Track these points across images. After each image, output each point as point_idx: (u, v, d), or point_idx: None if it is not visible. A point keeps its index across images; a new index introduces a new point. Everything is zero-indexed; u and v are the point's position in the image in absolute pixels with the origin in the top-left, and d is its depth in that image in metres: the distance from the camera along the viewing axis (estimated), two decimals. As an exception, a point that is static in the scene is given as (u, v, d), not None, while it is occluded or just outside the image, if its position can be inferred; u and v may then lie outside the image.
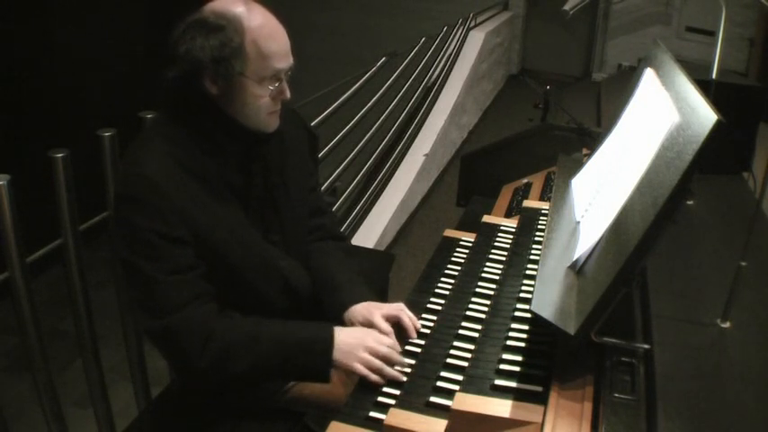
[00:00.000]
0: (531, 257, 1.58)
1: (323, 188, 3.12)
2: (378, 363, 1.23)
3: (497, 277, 1.55)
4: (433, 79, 4.95)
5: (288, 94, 1.27)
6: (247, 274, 1.30)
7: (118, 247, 1.21)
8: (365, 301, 1.40)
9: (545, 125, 3.12)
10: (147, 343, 1.85)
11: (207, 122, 1.25)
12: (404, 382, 1.23)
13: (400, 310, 1.36)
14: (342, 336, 1.26)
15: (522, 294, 1.42)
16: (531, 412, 1.07)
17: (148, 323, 1.20)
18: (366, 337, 1.27)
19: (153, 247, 1.17)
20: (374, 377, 1.21)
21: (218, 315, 1.23)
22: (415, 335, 1.33)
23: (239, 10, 1.18)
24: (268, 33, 1.20)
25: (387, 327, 1.32)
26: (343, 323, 1.38)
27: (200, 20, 1.18)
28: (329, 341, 1.25)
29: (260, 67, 1.20)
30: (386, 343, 1.26)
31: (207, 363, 1.19)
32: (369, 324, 1.34)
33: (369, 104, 3.66)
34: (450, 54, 5.32)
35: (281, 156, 1.38)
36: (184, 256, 1.20)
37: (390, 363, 1.24)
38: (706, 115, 1.03)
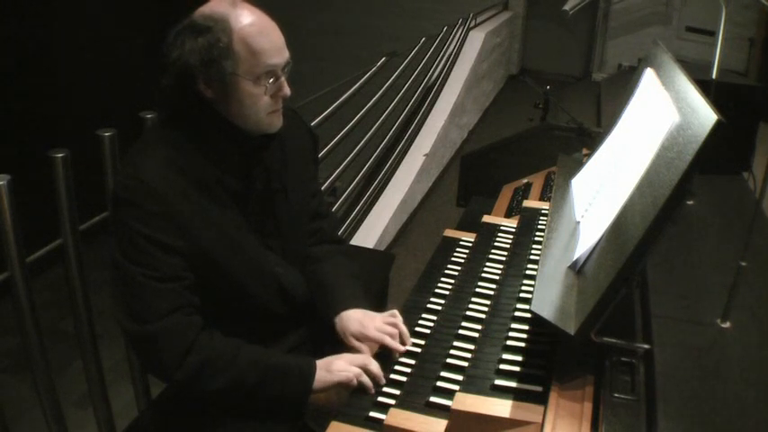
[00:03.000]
0: (531, 257, 1.58)
1: (323, 188, 3.12)
2: (357, 369, 1.25)
3: (497, 277, 1.55)
4: (433, 79, 4.95)
5: (287, 91, 1.25)
6: (243, 279, 1.30)
7: (111, 247, 1.21)
8: (358, 307, 1.40)
9: (545, 125, 3.12)
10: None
11: (205, 127, 1.24)
12: (404, 382, 1.23)
13: (394, 317, 1.38)
14: (321, 365, 1.28)
15: (522, 294, 1.42)
16: (531, 412, 1.07)
17: (130, 326, 1.20)
18: (341, 354, 1.31)
19: (144, 252, 1.17)
20: (356, 381, 1.24)
21: (201, 330, 1.22)
22: (410, 341, 1.35)
23: (226, 10, 1.18)
24: (257, 30, 1.18)
25: (380, 337, 1.33)
26: (334, 328, 1.39)
27: (189, 24, 1.18)
28: (310, 371, 1.26)
29: (252, 64, 1.19)
30: (359, 357, 1.30)
31: (183, 375, 1.19)
32: (362, 337, 1.35)
33: (369, 104, 3.65)
34: (451, 54, 5.32)
35: (282, 160, 1.38)
36: (174, 265, 1.20)
37: (369, 368, 1.26)
38: (706, 115, 1.03)
